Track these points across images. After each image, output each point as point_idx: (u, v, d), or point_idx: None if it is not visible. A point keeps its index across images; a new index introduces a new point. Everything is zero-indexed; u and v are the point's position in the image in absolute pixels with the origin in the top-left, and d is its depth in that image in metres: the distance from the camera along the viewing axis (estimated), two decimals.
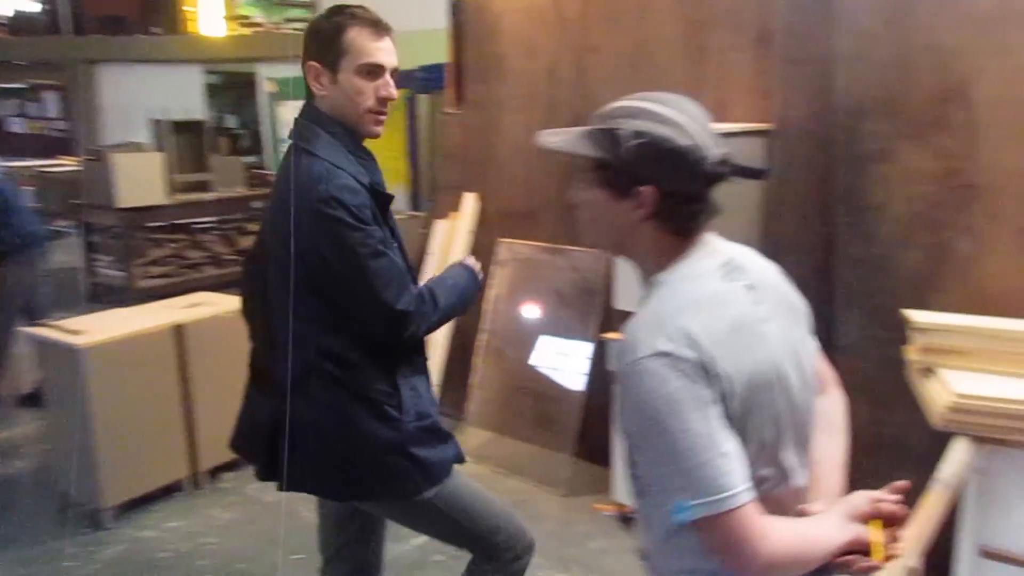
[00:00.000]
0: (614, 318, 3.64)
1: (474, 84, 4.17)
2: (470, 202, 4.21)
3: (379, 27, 1.87)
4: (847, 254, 2.97)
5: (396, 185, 7.42)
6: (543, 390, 4.00)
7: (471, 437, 4.23)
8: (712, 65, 3.34)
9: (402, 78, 7.58)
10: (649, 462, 1.21)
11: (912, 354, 2.55)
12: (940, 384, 2.42)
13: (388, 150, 8.65)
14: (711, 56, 3.34)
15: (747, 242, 3.22)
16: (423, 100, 7.75)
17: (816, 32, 3.03)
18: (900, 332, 2.86)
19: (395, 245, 1.93)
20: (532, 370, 4.03)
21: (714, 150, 1.23)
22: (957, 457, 2.25)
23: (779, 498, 1.28)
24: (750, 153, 3.20)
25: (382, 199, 1.91)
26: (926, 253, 2.83)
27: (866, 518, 1.27)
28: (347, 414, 1.89)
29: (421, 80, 7.63)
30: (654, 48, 3.49)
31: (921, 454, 2.95)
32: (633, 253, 1.33)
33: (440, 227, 4.27)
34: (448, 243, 4.25)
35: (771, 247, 3.21)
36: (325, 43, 1.85)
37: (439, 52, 7.66)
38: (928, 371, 2.51)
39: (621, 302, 3.29)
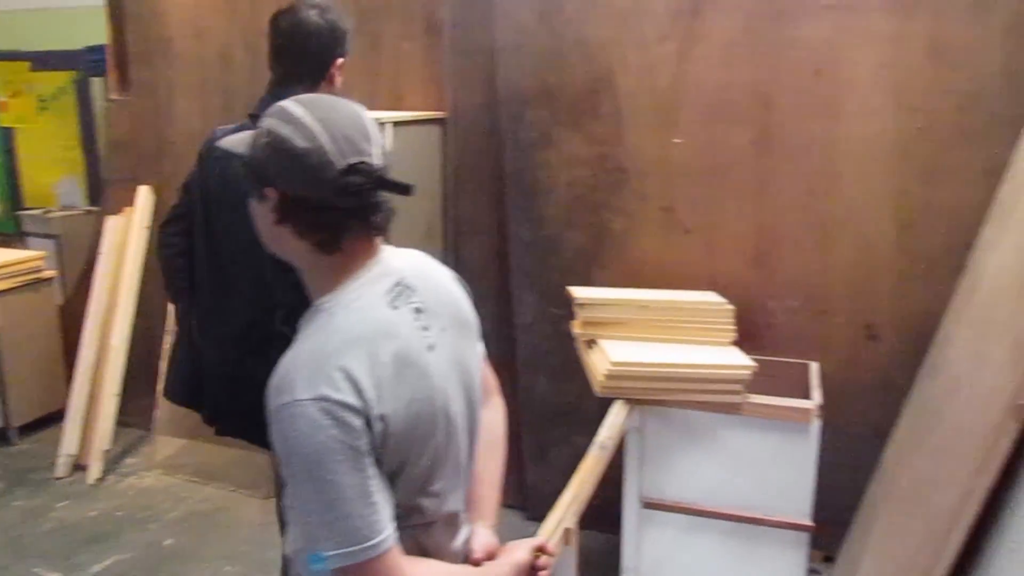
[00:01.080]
0: None
1: (140, 68, 3.86)
2: (144, 196, 3.91)
3: None
4: (519, 237, 3.12)
5: (70, 176, 6.72)
6: None
7: (162, 447, 3.97)
8: (386, 54, 3.35)
9: (68, 59, 6.85)
10: (296, 504, 1.16)
11: (577, 328, 2.74)
12: (600, 354, 2.62)
13: (60, 139, 7.82)
14: (385, 45, 3.35)
15: (431, 228, 3.30)
16: (96, 83, 7.09)
17: (481, 23, 3.14)
18: (570, 308, 3.06)
19: None
20: None
21: (346, 158, 1.15)
22: (613, 420, 2.45)
23: (433, 524, 1.30)
24: (428, 141, 3.26)
25: None
26: (588, 233, 3.05)
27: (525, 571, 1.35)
28: None
29: (90, 61, 6.97)
30: None
31: (596, 419, 3.20)
32: (296, 266, 1.26)
33: (112, 224, 3.92)
34: (121, 241, 3.92)
35: (453, 231, 3.31)
36: (348, 39, 2.09)
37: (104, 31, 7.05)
38: (591, 343, 2.71)
39: None
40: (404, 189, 1.22)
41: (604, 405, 3.13)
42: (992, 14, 2.51)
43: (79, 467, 3.84)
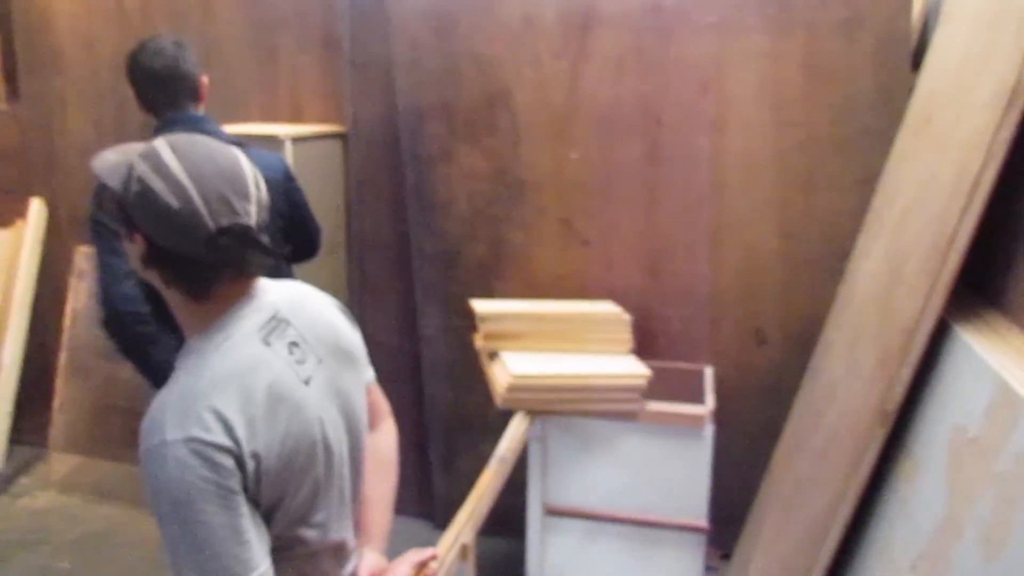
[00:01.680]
0: None
1: (28, 77, 3.73)
2: (37, 209, 3.79)
3: None
4: (421, 250, 3.14)
5: None
6: (136, 406, 3.74)
7: (57, 465, 3.85)
8: (283, 67, 3.32)
9: None
10: (167, 548, 1.15)
11: (478, 341, 2.78)
12: (501, 366, 2.67)
13: None
14: (281, 58, 3.32)
15: (334, 242, 3.30)
16: None
17: (378, 37, 3.14)
18: (473, 320, 3.10)
19: None
20: (120, 386, 3.76)
21: (219, 219, 1.13)
22: (514, 432, 2.49)
23: (318, 554, 1.32)
24: (329, 155, 3.25)
25: None
26: (488, 246, 3.09)
27: None
28: None
29: None
30: (223, 47, 3.38)
31: (501, 427, 3.25)
32: (167, 300, 1.25)
33: (0, 238, 3.79)
34: (12, 255, 3.79)
35: (356, 246, 3.32)
36: None
37: None
38: (493, 355, 2.75)
39: None
40: (275, 254, 1.22)
41: (508, 414, 3.18)
42: (862, 32, 2.64)
43: None
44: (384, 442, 1.59)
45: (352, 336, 1.43)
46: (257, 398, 1.17)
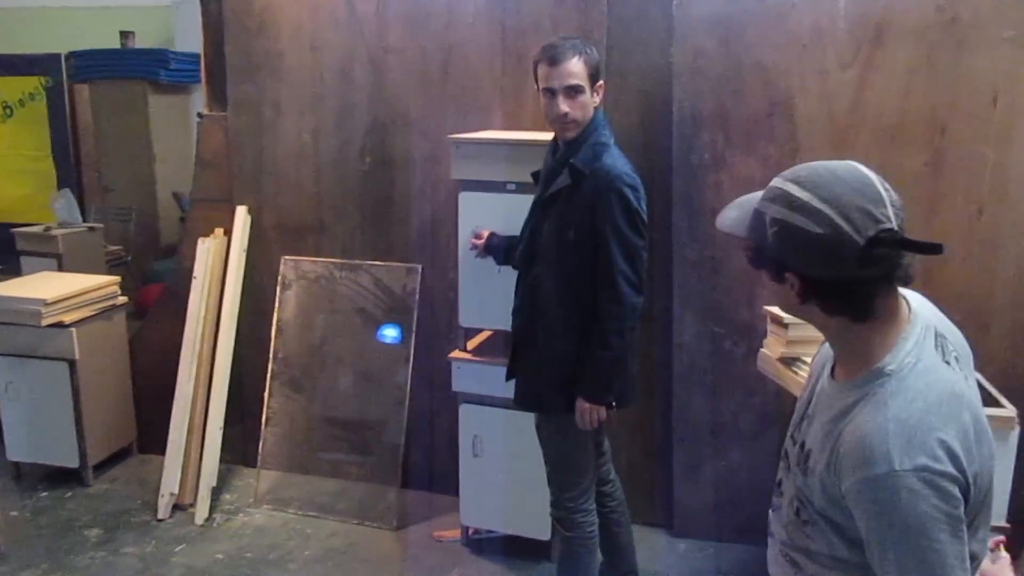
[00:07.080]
0: (443, 336, 3.49)
1: (239, 83, 3.65)
2: (242, 217, 3.71)
3: (553, 59, 2.41)
4: (683, 257, 3.16)
5: (63, 192, 6.23)
6: (354, 418, 3.69)
7: (267, 480, 3.77)
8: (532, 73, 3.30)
9: (39, 63, 6.36)
10: (892, 571, 1.15)
11: (776, 347, 2.80)
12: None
13: (27, 148, 7.26)
14: (529, 64, 3.29)
15: None
16: (83, 90, 6.60)
17: (638, 45, 3.16)
18: (730, 327, 3.12)
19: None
20: (338, 398, 3.70)
21: (865, 232, 1.13)
22: None
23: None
24: None
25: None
26: None
27: None
28: None
29: (77, 67, 6.50)
30: (467, 52, 3.35)
31: (753, 435, 3.27)
32: (827, 333, 1.28)
33: (204, 246, 3.70)
34: (217, 263, 3.71)
35: None
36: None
37: (101, 35, 6.60)
38: (790, 361, 2.77)
39: (467, 319, 3.13)
40: (934, 248, 1.17)
41: (764, 420, 3.21)
42: None
43: (176, 507, 3.62)
44: None
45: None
46: (966, 424, 1.16)
